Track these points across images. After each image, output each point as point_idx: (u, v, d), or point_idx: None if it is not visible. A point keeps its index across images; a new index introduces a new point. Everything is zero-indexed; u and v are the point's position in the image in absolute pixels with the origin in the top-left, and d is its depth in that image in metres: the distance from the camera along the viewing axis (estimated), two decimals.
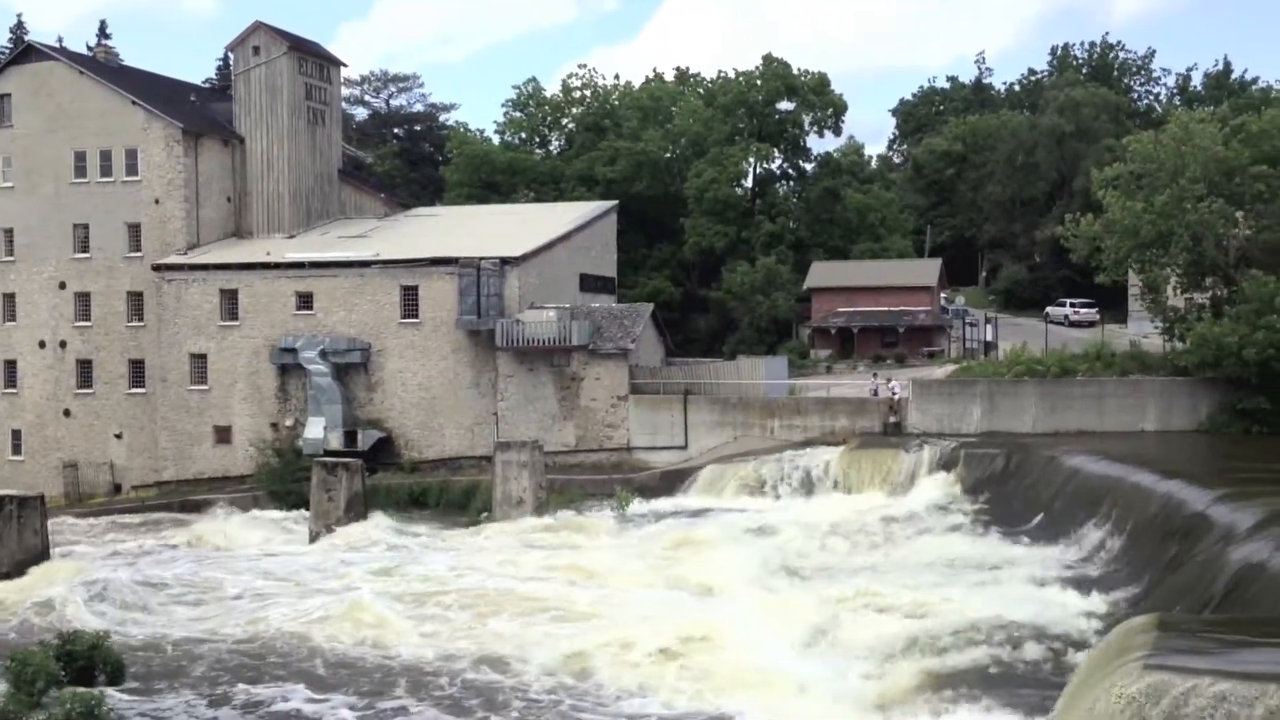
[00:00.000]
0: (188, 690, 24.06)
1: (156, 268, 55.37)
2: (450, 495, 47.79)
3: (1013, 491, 37.54)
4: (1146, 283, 47.21)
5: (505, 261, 51.19)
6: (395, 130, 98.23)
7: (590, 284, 57.96)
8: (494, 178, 80.00)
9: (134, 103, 56.60)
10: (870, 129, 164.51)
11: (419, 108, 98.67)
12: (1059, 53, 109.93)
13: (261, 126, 59.22)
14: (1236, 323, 41.11)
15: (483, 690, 23.29)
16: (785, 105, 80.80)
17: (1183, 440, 41.62)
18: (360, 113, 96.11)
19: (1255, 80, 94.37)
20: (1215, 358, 41.49)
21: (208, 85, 76.63)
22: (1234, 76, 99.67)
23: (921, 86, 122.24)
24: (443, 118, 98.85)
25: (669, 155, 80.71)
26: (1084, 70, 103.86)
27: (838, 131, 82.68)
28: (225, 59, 77.01)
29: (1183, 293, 46.42)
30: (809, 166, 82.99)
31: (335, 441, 50.77)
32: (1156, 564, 25.53)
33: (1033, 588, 27.44)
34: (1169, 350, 46.29)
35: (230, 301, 54.33)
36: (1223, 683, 12.29)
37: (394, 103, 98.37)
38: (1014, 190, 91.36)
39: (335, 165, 63.06)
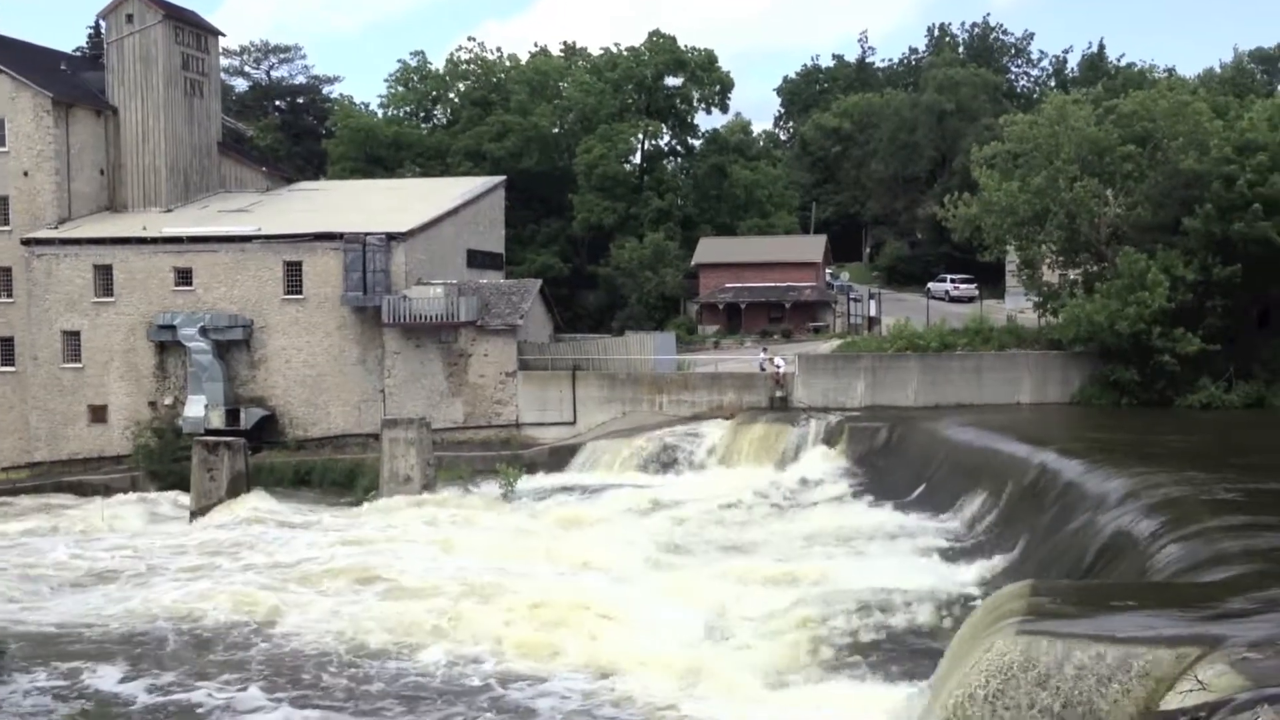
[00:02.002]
0: (45, 674, 23.28)
1: (26, 242, 53.18)
2: (336, 474, 47.12)
3: (895, 464, 38.41)
4: (1023, 259, 48.66)
5: (391, 237, 50.45)
6: (277, 102, 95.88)
7: (478, 260, 57.50)
8: (379, 152, 78.78)
9: (0, 71, 54.19)
10: (757, 107, 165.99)
11: (301, 80, 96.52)
12: (936, 33, 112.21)
13: (136, 97, 57.21)
14: (1108, 298, 42.60)
15: (357, 674, 22.96)
16: (673, 81, 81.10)
17: (1057, 412, 43.07)
18: (240, 84, 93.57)
19: (1130, 64, 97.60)
20: (1087, 332, 42.98)
21: (79, 54, 73.67)
22: (1109, 60, 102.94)
23: (805, 65, 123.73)
24: (326, 90, 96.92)
25: (557, 131, 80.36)
26: (963, 51, 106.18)
27: (725, 109, 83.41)
28: (97, 26, 74.06)
29: (1057, 269, 47.95)
30: (697, 143, 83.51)
31: (217, 420, 49.61)
32: (1032, 533, 26.33)
33: (915, 557, 28.14)
34: (1044, 325, 47.80)
35: (105, 277, 52.53)
36: (1093, 646, 12.75)
37: (275, 74, 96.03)
38: (896, 168, 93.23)
39: (214, 138, 61.29)
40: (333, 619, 26.32)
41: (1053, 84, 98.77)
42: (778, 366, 47.38)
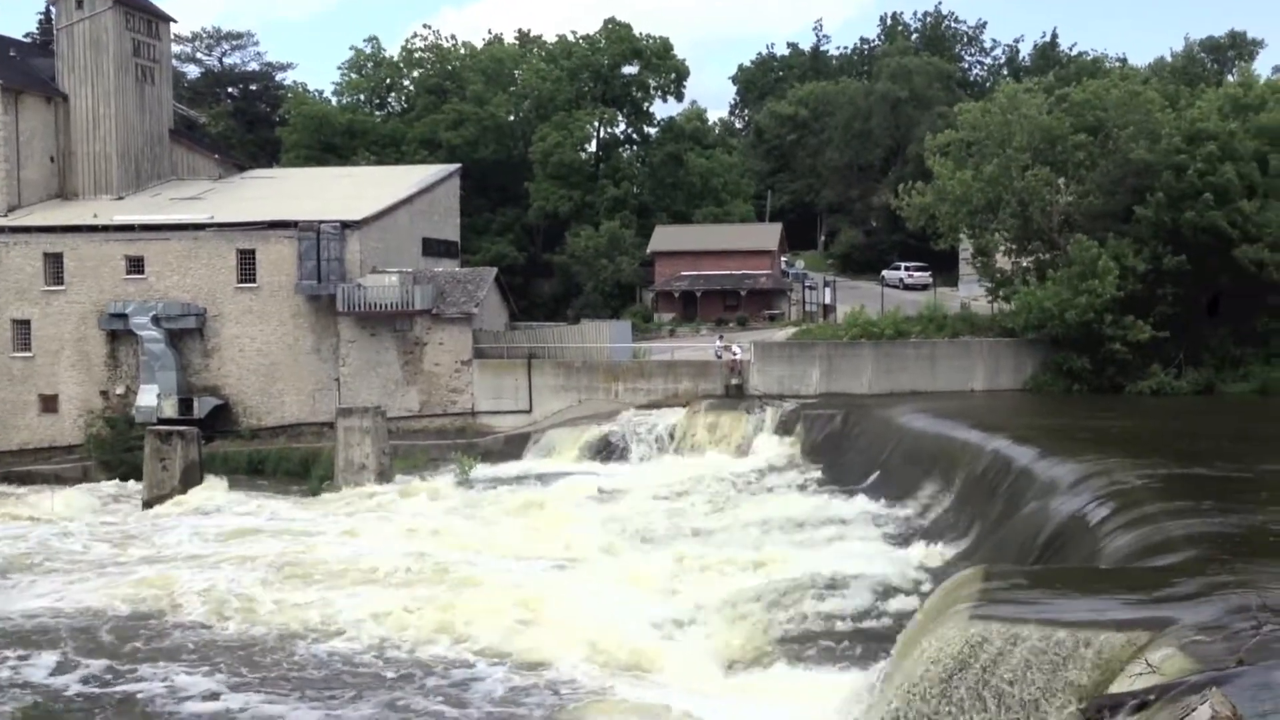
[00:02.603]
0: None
1: None
2: (290, 463, 46.79)
3: (850, 451, 38.65)
4: (977, 247, 49.04)
5: (346, 225, 50.08)
6: (230, 90, 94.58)
7: (433, 248, 57.21)
8: (333, 139, 78.07)
9: None
10: (712, 95, 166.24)
11: (254, 66, 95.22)
12: (889, 21, 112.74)
13: (87, 84, 56.32)
14: (1059, 286, 43.06)
15: (309, 662, 22.83)
16: (629, 70, 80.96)
17: (1009, 398, 43.51)
18: (192, 71, 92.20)
19: (1082, 54, 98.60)
20: (1039, 320, 43.43)
21: (29, 40, 72.32)
22: (1060, 49, 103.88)
23: (761, 53, 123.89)
24: (279, 77, 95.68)
25: (512, 118, 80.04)
26: (916, 39, 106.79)
27: (680, 97, 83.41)
28: (47, 12, 72.81)
29: (1011, 257, 48.39)
30: (653, 131, 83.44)
31: (170, 409, 49.09)
32: (985, 519, 26.60)
33: (869, 544, 28.36)
34: (997, 313, 48.24)
35: (55, 265, 51.79)
36: (1044, 631, 12.94)
37: (227, 61, 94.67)
38: (851, 156, 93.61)
39: (166, 125, 60.48)
40: (279, 606, 26.17)
41: (1005, 73, 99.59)
42: (734, 354, 47.52)
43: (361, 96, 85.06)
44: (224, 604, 26.65)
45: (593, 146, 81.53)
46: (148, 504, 41.05)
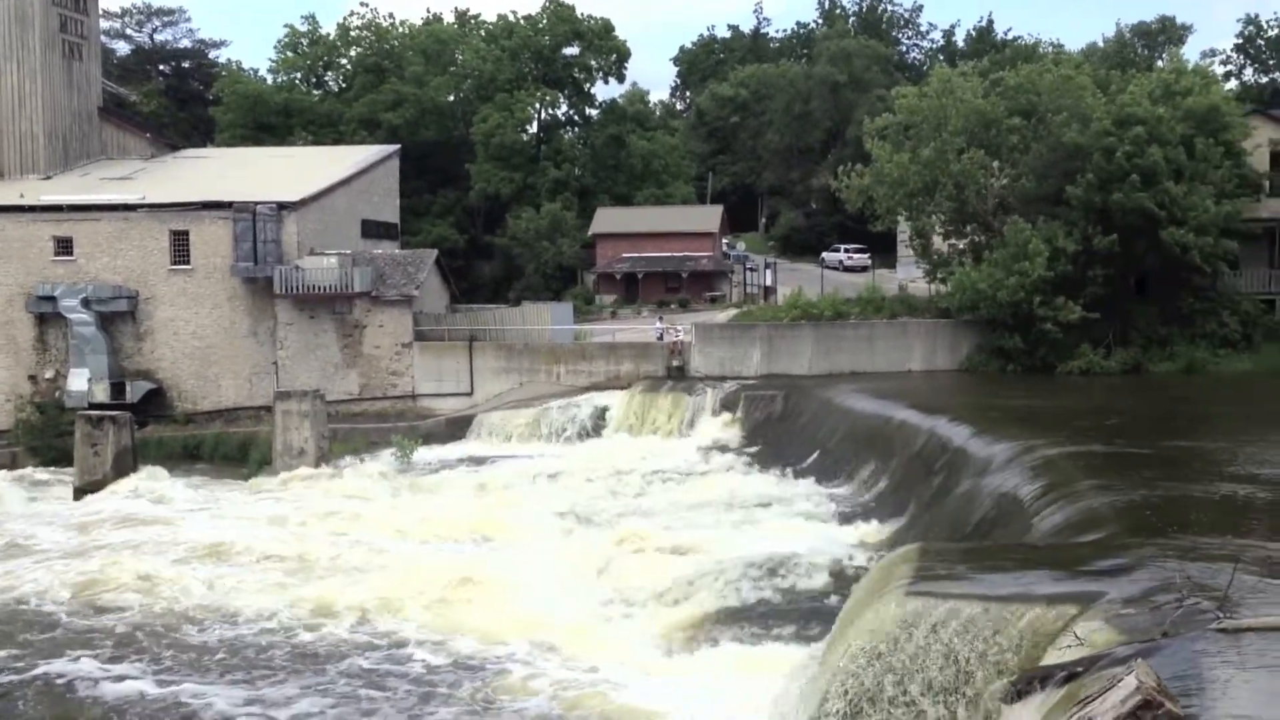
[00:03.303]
0: None
1: None
2: (227, 447, 46.21)
3: (790, 431, 38.98)
4: (914, 230, 49.59)
5: (283, 206, 49.45)
6: (161, 67, 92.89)
7: (372, 230, 56.68)
8: (269, 119, 76.94)
9: None
10: (653, 77, 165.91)
11: (186, 44, 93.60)
12: (827, 5, 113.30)
13: (12, 61, 54.96)
14: (993, 267, 43.72)
15: (244, 645, 22.67)
16: (570, 51, 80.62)
17: (946, 379, 44.11)
18: (122, 48, 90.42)
19: (1017, 38, 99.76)
20: (974, 301, 44.07)
21: None
22: (996, 34, 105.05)
23: (702, 35, 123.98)
24: (213, 55, 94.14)
25: (452, 99, 79.41)
26: (853, 22, 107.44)
27: (621, 78, 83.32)
28: None
29: (947, 239, 49.00)
30: (594, 113, 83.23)
31: (101, 394, 48.24)
32: (921, 497, 26.99)
33: (809, 523, 28.64)
34: (934, 294, 48.85)
35: None
36: (977, 606, 13.19)
37: (159, 38, 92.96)
38: (791, 139, 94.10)
39: (95, 103, 59.22)
40: (209, 592, 25.95)
41: (942, 57, 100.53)
42: (675, 336, 47.66)
43: (298, 75, 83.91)
44: (154, 588, 26.30)
45: (534, 128, 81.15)
46: (79, 491, 40.28)
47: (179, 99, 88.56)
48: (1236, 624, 11.02)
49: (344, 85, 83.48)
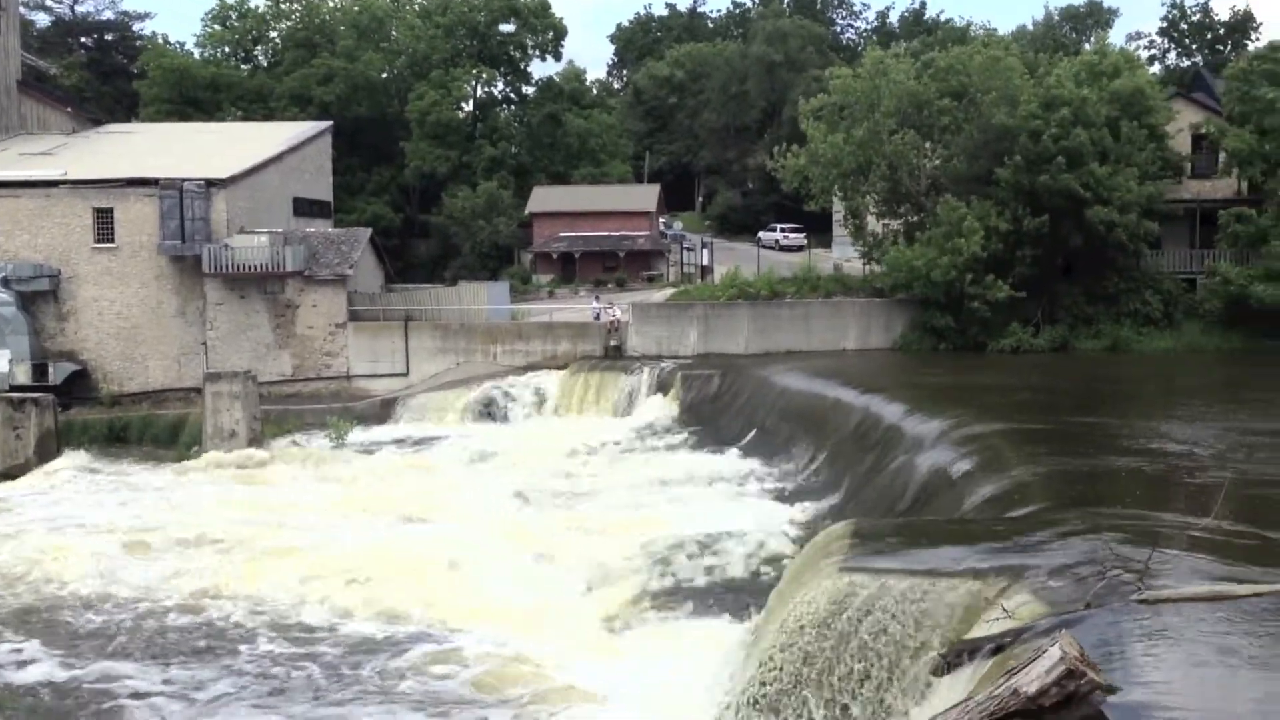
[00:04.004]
0: None
1: None
2: (156, 430, 45.38)
3: (727, 410, 39.22)
4: (849, 209, 50.02)
5: (211, 183, 48.57)
6: (83, 39, 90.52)
7: (304, 208, 55.87)
8: (196, 94, 75.41)
9: None
10: (590, 55, 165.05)
11: (109, 15, 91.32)
12: None
13: None
14: (926, 247, 44.28)
15: (171, 629, 22.42)
16: (506, 28, 79.99)
17: (880, 357, 44.61)
18: (41, 19, 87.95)
19: (949, 20, 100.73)
20: (907, 280, 44.61)
21: None
22: (928, 15, 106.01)
23: (638, 13, 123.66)
24: (137, 27, 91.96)
25: (386, 76, 78.43)
26: (789, 3, 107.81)
27: (558, 56, 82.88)
28: None
29: (881, 219, 49.50)
30: (530, 91, 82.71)
31: (23, 376, 47.10)
32: (856, 474, 27.32)
33: (746, 501, 28.89)
34: (869, 273, 49.35)
35: None
36: (909, 581, 13.41)
37: (80, 9, 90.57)
38: (728, 118, 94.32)
39: (14, 76, 57.65)
40: (143, 577, 25.60)
41: (876, 38, 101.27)
42: (612, 315, 47.67)
43: (226, 49, 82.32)
44: (82, 575, 25.88)
45: (470, 106, 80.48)
46: (1, 475, 39.49)
47: (102, 72, 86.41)
48: (1156, 595, 11.32)
49: (274, 60, 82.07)
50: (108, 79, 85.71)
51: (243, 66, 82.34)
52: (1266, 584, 11.56)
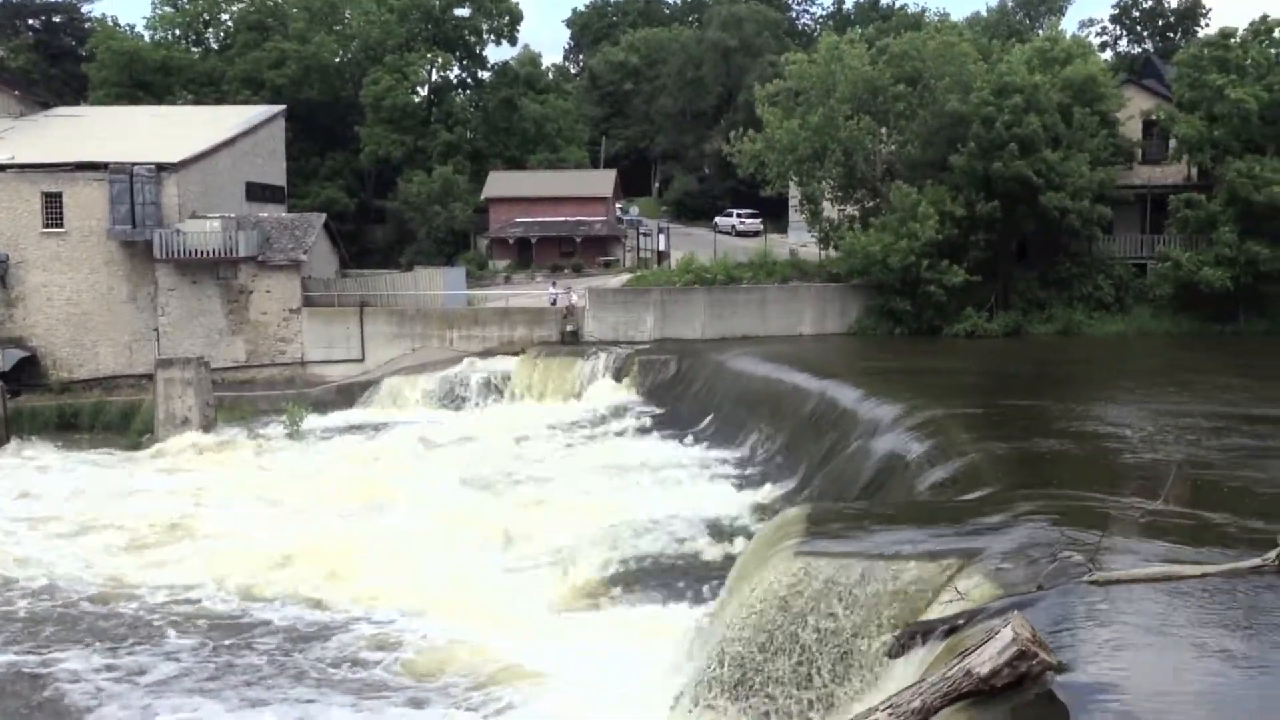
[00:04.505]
0: None
1: None
2: (107, 416, 44.77)
3: (684, 395, 39.29)
4: (805, 195, 50.15)
5: (162, 167, 47.89)
6: (30, 21, 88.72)
7: (257, 193, 55.23)
8: (146, 77, 74.23)
9: None
10: (546, 40, 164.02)
11: None
12: None
13: None
14: (882, 232, 44.52)
15: (113, 615, 22.20)
16: (461, 12, 79.36)
17: (836, 342, 44.84)
18: None
19: (903, 6, 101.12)
20: (863, 265, 44.84)
21: None
22: (883, 1, 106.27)
23: None
24: (85, 9, 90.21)
25: (340, 60, 77.60)
26: None
27: (514, 41, 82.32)
28: None
29: (836, 205, 49.69)
30: (486, 75, 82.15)
31: None
32: (812, 458, 27.47)
33: (702, 485, 28.98)
34: (825, 259, 49.54)
35: None
36: (864, 564, 13.52)
37: None
38: (684, 103, 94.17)
39: None
40: (72, 560, 25.39)
41: (832, 24, 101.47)
42: (569, 301, 47.57)
43: (176, 32, 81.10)
44: (25, 564, 25.58)
45: (425, 90, 79.82)
46: None
47: (50, 55, 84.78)
48: (1107, 576, 11.48)
49: (225, 43, 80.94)
50: (56, 61, 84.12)
51: (194, 49, 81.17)
52: (1214, 565, 11.76)
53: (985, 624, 10.76)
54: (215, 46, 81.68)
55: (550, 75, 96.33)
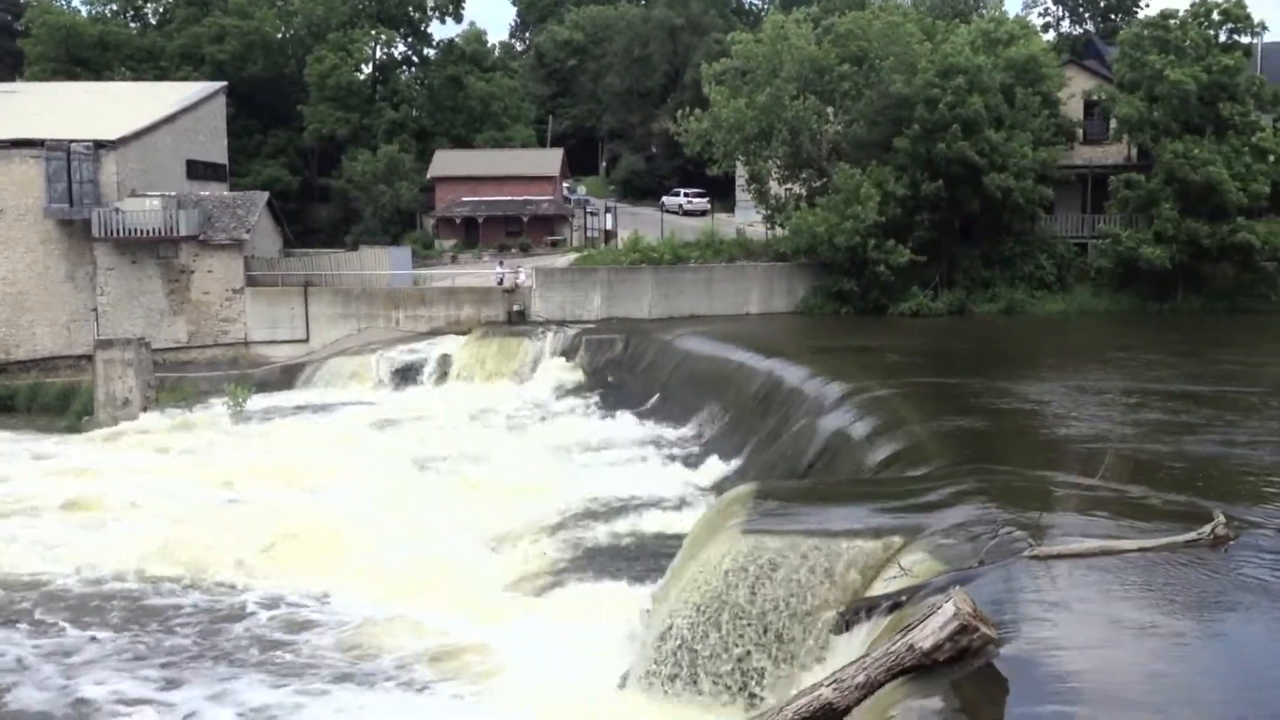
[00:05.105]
0: None
1: None
2: (45, 398, 44.05)
3: (631, 375, 39.32)
4: (751, 174, 50.28)
5: (100, 145, 47.01)
6: None
7: (199, 171, 54.41)
8: (83, 53, 72.80)
9: None
10: (491, 17, 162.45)
11: None
12: None
13: None
14: (828, 212, 44.75)
15: (78, 603, 21.91)
16: None
17: (783, 321, 45.09)
18: None
19: None
20: (809, 244, 45.07)
21: None
22: None
23: None
24: None
25: (282, 36, 76.52)
26: None
27: (459, 18, 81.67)
28: None
29: (783, 184, 49.85)
30: (431, 53, 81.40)
31: None
32: (759, 437, 27.61)
33: (649, 464, 29.03)
34: (771, 238, 49.73)
35: None
36: (809, 541, 13.64)
37: None
38: (631, 82, 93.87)
39: None
40: (52, 549, 24.91)
41: (778, 2, 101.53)
42: (516, 280, 47.38)
43: (114, 6, 79.55)
44: None
45: (369, 68, 78.93)
46: None
47: None
48: (1047, 551, 11.67)
49: (165, 17, 79.53)
50: None
51: (132, 24, 79.71)
52: (1151, 539, 11.99)
53: (928, 599, 10.90)
54: (154, 21, 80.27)
55: (496, 53, 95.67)
